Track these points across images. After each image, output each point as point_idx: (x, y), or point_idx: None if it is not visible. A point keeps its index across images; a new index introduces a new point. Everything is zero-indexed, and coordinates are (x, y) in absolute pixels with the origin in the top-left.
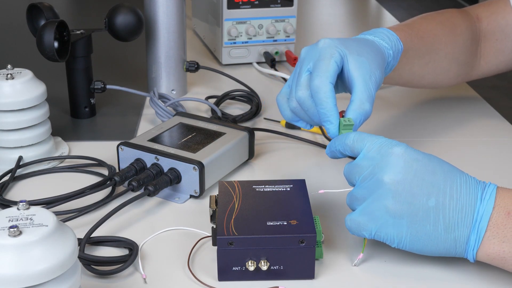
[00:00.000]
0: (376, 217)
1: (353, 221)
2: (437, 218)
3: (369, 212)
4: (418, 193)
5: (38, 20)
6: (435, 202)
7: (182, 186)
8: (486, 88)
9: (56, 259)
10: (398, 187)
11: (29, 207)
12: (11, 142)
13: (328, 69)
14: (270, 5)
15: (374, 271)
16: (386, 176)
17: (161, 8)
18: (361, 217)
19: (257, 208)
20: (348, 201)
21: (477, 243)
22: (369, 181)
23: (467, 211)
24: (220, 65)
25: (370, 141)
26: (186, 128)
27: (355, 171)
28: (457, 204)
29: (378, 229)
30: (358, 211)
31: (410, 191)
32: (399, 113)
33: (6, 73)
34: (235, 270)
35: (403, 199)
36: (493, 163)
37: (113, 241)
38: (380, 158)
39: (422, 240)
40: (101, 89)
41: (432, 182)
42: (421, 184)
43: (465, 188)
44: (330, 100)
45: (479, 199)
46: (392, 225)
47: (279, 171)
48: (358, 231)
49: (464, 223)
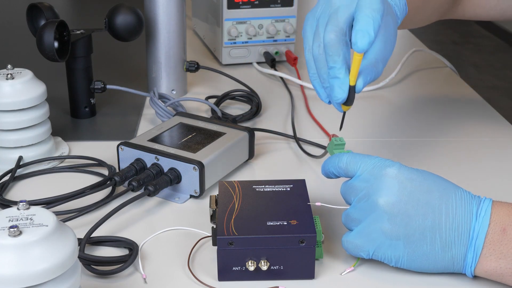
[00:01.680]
0: (373, 239)
1: (350, 243)
2: (433, 237)
3: (365, 234)
4: (414, 214)
5: (38, 20)
6: (431, 222)
7: (182, 186)
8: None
9: (56, 259)
10: (393, 209)
11: (29, 207)
12: (11, 142)
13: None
14: (270, 5)
15: (373, 272)
16: (380, 199)
17: (161, 8)
18: (358, 239)
19: (257, 208)
20: (344, 220)
21: (475, 261)
22: (364, 202)
23: (463, 229)
24: (220, 65)
25: (363, 162)
26: (186, 128)
27: (350, 192)
28: (453, 223)
29: (375, 251)
30: (355, 233)
31: (405, 213)
32: (399, 113)
33: (6, 73)
34: (235, 270)
35: (399, 221)
36: (493, 163)
37: (113, 241)
38: (374, 180)
39: (420, 259)
40: (101, 89)
41: (427, 201)
42: (416, 204)
43: (461, 205)
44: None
45: (474, 216)
46: (389, 247)
47: (279, 171)
48: (356, 252)
49: (460, 241)
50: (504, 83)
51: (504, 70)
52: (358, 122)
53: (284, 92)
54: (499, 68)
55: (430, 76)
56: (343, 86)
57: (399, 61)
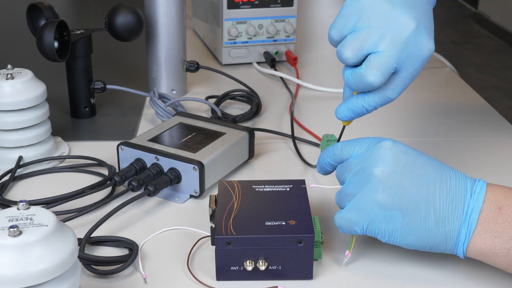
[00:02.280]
0: (367, 211)
1: (343, 218)
2: (428, 210)
3: (359, 207)
4: (409, 186)
5: (38, 20)
6: (425, 194)
7: (182, 186)
8: (486, 88)
9: (56, 259)
10: (388, 180)
11: (29, 207)
12: (11, 142)
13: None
14: (270, 5)
15: (372, 272)
16: (376, 169)
17: (161, 8)
18: (351, 213)
19: (256, 208)
20: (338, 199)
21: (468, 238)
22: (359, 176)
23: (457, 204)
24: (220, 65)
25: (357, 143)
26: (186, 128)
27: (345, 169)
28: (447, 197)
29: (369, 224)
30: (348, 208)
31: (400, 184)
32: (399, 113)
33: (6, 73)
34: (233, 270)
35: (394, 192)
36: (493, 163)
37: (113, 241)
38: (370, 154)
39: (413, 233)
40: (101, 89)
41: (422, 174)
42: (411, 176)
43: (455, 181)
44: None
45: (469, 193)
46: (383, 219)
47: (279, 171)
48: (349, 228)
49: (454, 216)
50: (504, 83)
51: (504, 70)
52: (357, 122)
53: (284, 92)
54: (499, 68)
55: (430, 76)
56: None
57: None
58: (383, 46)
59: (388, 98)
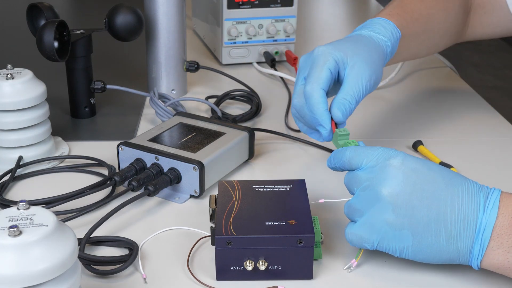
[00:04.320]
0: (377, 230)
1: (354, 234)
2: (438, 229)
3: (369, 225)
4: (418, 205)
5: (38, 20)
6: (436, 213)
7: (182, 186)
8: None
9: (56, 259)
10: (397, 200)
11: (29, 207)
12: (11, 142)
13: (320, 76)
14: (270, 5)
15: (372, 272)
16: (384, 189)
17: (161, 8)
18: (362, 230)
19: (256, 208)
20: (346, 211)
21: (481, 253)
22: (368, 193)
23: (469, 221)
24: (220, 65)
25: (366, 155)
26: (186, 128)
27: (354, 182)
28: (459, 214)
29: (380, 241)
30: (359, 224)
31: (410, 203)
32: (399, 113)
33: (6, 73)
34: (233, 269)
35: (403, 212)
36: (493, 163)
37: (113, 241)
38: (379, 171)
39: (425, 251)
40: (101, 89)
41: (432, 192)
42: (421, 195)
43: (467, 196)
44: (321, 105)
45: (481, 208)
46: (393, 238)
47: (279, 171)
48: (360, 244)
49: (466, 233)
50: (504, 83)
51: (504, 70)
52: (358, 122)
53: (284, 92)
54: (499, 68)
55: (430, 76)
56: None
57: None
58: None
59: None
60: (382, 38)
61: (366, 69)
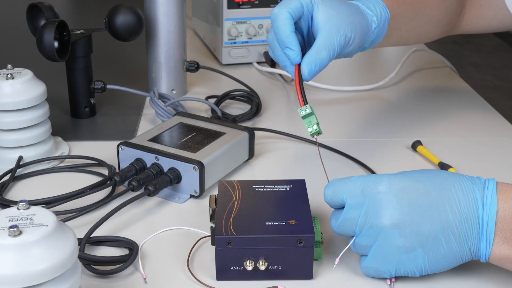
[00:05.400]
0: (390, 259)
1: (369, 268)
2: (447, 237)
3: (381, 256)
4: (421, 221)
5: (38, 20)
6: (439, 223)
7: (182, 186)
8: (486, 88)
9: (56, 259)
10: (400, 224)
11: (29, 207)
12: (11, 142)
13: (290, 2)
14: (270, 5)
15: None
16: (384, 219)
17: (161, 8)
18: (375, 262)
19: (256, 208)
20: (355, 250)
21: (488, 250)
22: (367, 229)
23: (472, 221)
24: (220, 65)
25: (348, 189)
26: (186, 128)
27: (347, 225)
28: (461, 216)
29: (396, 269)
30: (370, 258)
31: (412, 222)
32: (399, 113)
33: (6, 73)
34: (233, 269)
35: (409, 232)
36: (493, 163)
37: (113, 241)
38: (369, 203)
39: (441, 262)
40: (101, 89)
41: (429, 204)
42: (419, 211)
43: (462, 196)
44: (287, 27)
45: (480, 205)
46: (408, 261)
47: (279, 171)
48: (378, 275)
49: (472, 232)
50: (504, 83)
51: (504, 70)
52: (358, 122)
53: (284, 91)
54: (499, 68)
55: (430, 76)
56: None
57: (399, 61)
58: None
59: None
60: (369, 12)
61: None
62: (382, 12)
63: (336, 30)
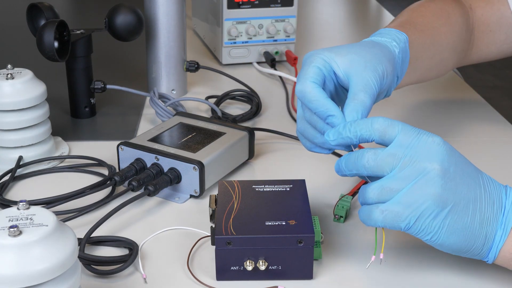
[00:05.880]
0: (418, 205)
1: (388, 212)
2: (475, 210)
3: (409, 201)
4: (460, 184)
5: (38, 20)
6: (473, 194)
7: (182, 186)
8: (486, 88)
9: (56, 259)
10: (445, 175)
11: (29, 207)
12: (11, 142)
13: (307, 72)
14: (270, 5)
15: (372, 272)
16: (433, 164)
17: (161, 8)
18: (398, 206)
19: (256, 208)
20: (378, 193)
21: (503, 239)
22: (409, 168)
23: (497, 206)
24: (220, 65)
25: (404, 127)
26: (186, 128)
27: (389, 161)
28: (490, 198)
29: (418, 218)
30: (394, 201)
31: (454, 180)
32: (399, 113)
33: (6, 73)
34: (233, 269)
35: (449, 187)
36: (493, 163)
37: (113, 241)
38: (422, 145)
39: (458, 233)
40: (101, 89)
41: (469, 173)
42: (462, 174)
43: (492, 183)
44: (319, 95)
45: (504, 195)
46: (434, 215)
47: (279, 171)
48: (394, 223)
49: (495, 218)
50: (504, 83)
51: (504, 70)
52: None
53: (284, 92)
54: (499, 68)
55: None
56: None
57: None
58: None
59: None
60: (386, 40)
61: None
62: (399, 36)
63: (364, 68)
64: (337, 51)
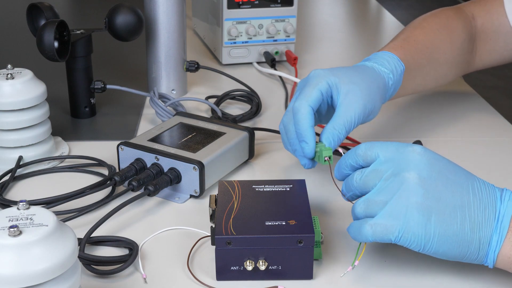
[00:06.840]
0: (404, 216)
1: (378, 225)
2: (463, 216)
3: (395, 213)
4: (444, 191)
5: (38, 20)
6: (460, 200)
7: (182, 186)
8: (486, 88)
9: (56, 259)
10: (425, 183)
11: (29, 207)
12: (11, 142)
13: (310, 94)
14: (270, 5)
15: (373, 272)
16: (411, 173)
17: (161, 8)
18: (386, 220)
19: (256, 208)
20: (363, 208)
21: (499, 244)
22: (392, 181)
23: (489, 211)
24: (220, 65)
25: (383, 146)
26: (186, 128)
27: (372, 177)
28: (481, 203)
29: (405, 230)
30: (382, 214)
31: (436, 188)
32: (399, 113)
33: (6, 73)
34: (233, 269)
35: (431, 196)
36: (493, 163)
37: (113, 241)
38: (402, 157)
39: (450, 240)
40: (101, 89)
41: (454, 180)
42: (445, 182)
43: (484, 188)
44: (307, 121)
45: (499, 200)
46: (421, 224)
47: (279, 171)
48: (384, 235)
49: (487, 223)
50: (504, 83)
51: (504, 70)
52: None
53: (284, 92)
54: (499, 68)
55: None
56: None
57: None
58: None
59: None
60: (385, 70)
61: (360, 99)
62: (397, 67)
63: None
64: (341, 77)
